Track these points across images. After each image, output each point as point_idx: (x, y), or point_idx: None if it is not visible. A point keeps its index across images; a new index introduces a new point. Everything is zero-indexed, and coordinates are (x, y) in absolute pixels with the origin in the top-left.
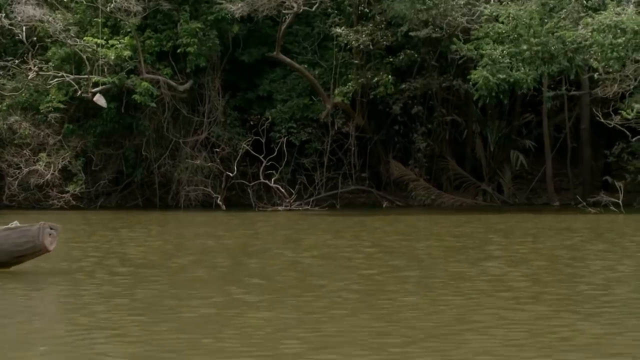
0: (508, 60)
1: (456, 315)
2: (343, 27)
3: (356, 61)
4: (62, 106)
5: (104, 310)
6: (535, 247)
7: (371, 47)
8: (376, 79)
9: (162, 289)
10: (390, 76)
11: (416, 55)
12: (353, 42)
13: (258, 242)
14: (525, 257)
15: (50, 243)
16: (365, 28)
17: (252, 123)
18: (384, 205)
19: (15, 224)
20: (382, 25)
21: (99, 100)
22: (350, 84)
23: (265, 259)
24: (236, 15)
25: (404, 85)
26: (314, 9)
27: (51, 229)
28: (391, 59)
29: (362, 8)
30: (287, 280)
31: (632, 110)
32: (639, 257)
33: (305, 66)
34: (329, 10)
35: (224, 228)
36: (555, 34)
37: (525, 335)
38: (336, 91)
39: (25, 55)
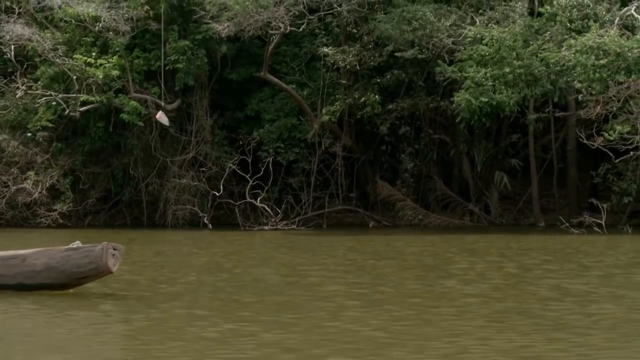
0: (491, 82)
1: (396, 328)
2: (330, 47)
3: (344, 81)
4: (50, 125)
5: (41, 324)
6: (497, 266)
7: (358, 67)
8: (363, 99)
9: (114, 303)
10: (377, 96)
11: (403, 75)
12: (340, 62)
13: (229, 259)
14: (483, 275)
15: (114, 264)
16: (352, 48)
17: (241, 142)
18: (370, 225)
19: (77, 244)
20: (370, 46)
21: (162, 118)
22: (337, 103)
23: (230, 275)
24: (222, 35)
25: (391, 106)
26: (301, 29)
27: (114, 249)
28: (378, 80)
29: (350, 29)
30: (238, 295)
31: (614, 132)
32: (591, 277)
33: (293, 86)
34: (317, 30)
35: (201, 246)
36: (539, 55)
37: (459, 349)
38: (324, 111)
39: (14, 73)
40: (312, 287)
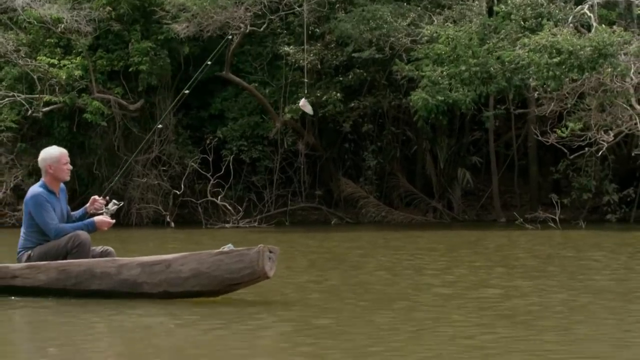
0: (447, 81)
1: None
2: (292, 47)
3: (306, 80)
4: (14, 125)
5: None
6: (411, 260)
7: (319, 66)
8: (325, 97)
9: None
10: (338, 94)
11: (365, 74)
12: (301, 61)
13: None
14: (388, 268)
15: (270, 268)
16: (313, 47)
17: (207, 142)
18: (332, 223)
19: (229, 247)
20: (332, 45)
21: (305, 106)
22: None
23: None
24: (181, 36)
25: (353, 104)
26: (262, 29)
27: (270, 252)
28: (341, 78)
29: (312, 28)
30: None
31: (567, 129)
32: (494, 267)
33: (256, 85)
34: (279, 30)
35: (143, 244)
36: (494, 54)
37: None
38: (286, 109)
39: None
40: None
